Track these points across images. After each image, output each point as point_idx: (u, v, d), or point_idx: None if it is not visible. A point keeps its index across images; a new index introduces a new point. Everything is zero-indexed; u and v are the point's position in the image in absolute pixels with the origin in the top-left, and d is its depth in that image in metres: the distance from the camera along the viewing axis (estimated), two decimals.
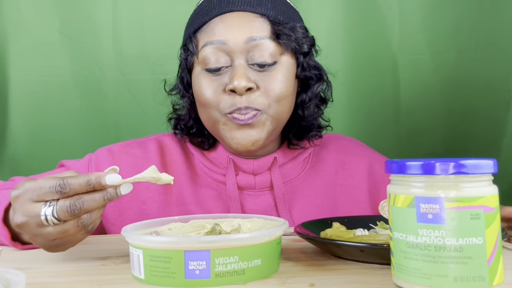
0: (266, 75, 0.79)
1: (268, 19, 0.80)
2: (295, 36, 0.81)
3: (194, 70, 0.83)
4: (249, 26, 0.79)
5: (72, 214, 0.53)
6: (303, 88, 0.87)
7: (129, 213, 0.86)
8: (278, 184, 0.86)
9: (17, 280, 0.40)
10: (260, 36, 0.78)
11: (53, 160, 0.94)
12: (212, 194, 0.87)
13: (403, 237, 0.43)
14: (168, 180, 0.57)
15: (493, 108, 1.20)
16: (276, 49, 0.79)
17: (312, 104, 0.87)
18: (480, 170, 0.41)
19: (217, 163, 0.88)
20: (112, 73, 1.28)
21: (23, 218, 0.55)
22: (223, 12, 0.80)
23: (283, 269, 0.55)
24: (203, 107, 0.82)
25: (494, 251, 0.40)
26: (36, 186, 0.54)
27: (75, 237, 0.57)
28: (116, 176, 0.54)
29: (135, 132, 1.20)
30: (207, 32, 0.81)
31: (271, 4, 0.82)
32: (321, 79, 0.88)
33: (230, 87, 0.77)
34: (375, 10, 1.30)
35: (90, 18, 1.27)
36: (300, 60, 0.84)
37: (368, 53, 1.30)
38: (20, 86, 1.26)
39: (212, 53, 0.79)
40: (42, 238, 0.56)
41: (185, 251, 0.47)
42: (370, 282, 0.49)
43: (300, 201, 0.88)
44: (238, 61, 0.78)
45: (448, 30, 1.26)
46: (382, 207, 0.62)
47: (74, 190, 0.53)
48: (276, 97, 0.79)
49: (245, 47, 0.78)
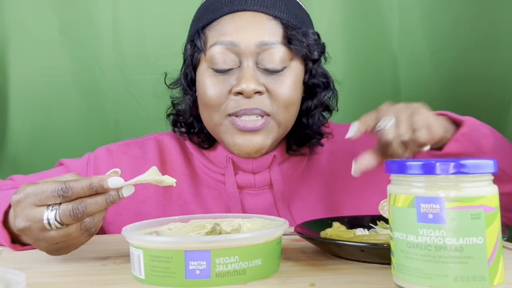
0: (275, 79, 0.78)
1: (281, 22, 0.78)
2: (307, 42, 0.79)
3: (200, 67, 0.81)
4: (262, 28, 0.77)
5: (75, 218, 0.53)
6: (308, 95, 0.86)
7: (127, 213, 0.85)
8: (277, 183, 0.85)
9: (17, 280, 0.40)
10: (272, 41, 0.77)
11: (53, 160, 0.94)
12: (212, 194, 0.86)
13: (403, 237, 0.43)
14: (170, 182, 0.57)
15: (493, 107, 1.20)
16: (287, 54, 0.78)
17: (317, 112, 0.86)
18: (480, 170, 0.41)
19: (217, 163, 0.87)
20: (112, 73, 1.28)
21: (26, 223, 0.54)
22: (235, 10, 0.78)
23: (283, 269, 0.55)
24: (206, 107, 0.80)
25: (494, 251, 0.40)
26: (37, 190, 0.54)
27: (78, 240, 0.57)
28: (118, 179, 0.54)
29: (135, 132, 1.20)
30: (217, 30, 0.78)
31: (285, 7, 0.80)
32: (328, 87, 0.86)
33: (237, 89, 0.75)
34: (375, 10, 1.30)
35: (90, 18, 1.27)
36: (309, 66, 0.82)
37: (368, 53, 1.30)
38: (20, 86, 1.26)
39: (221, 53, 0.77)
40: (45, 242, 0.56)
41: (185, 251, 0.47)
42: (370, 282, 0.49)
43: (299, 197, 0.87)
44: (247, 63, 0.77)
45: (448, 30, 1.26)
46: (382, 207, 0.62)
47: (76, 194, 0.53)
48: (284, 103, 0.78)
49: (255, 50, 0.76)
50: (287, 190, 0.87)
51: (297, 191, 0.87)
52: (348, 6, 1.30)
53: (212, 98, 0.78)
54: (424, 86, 1.28)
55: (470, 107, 1.23)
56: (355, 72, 1.30)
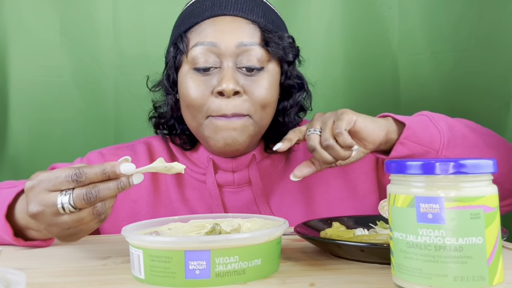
0: (253, 80, 0.81)
1: (259, 26, 0.83)
2: (283, 45, 0.84)
3: (182, 69, 0.85)
4: (240, 31, 0.81)
5: (88, 201, 0.54)
6: (284, 96, 0.90)
7: (121, 213, 0.88)
8: (255, 180, 0.88)
9: (17, 280, 0.40)
10: (250, 42, 0.81)
11: (53, 160, 0.94)
12: (195, 194, 0.89)
13: (403, 237, 0.43)
14: (179, 168, 0.58)
15: (493, 108, 1.20)
16: (264, 56, 0.82)
17: (292, 112, 0.91)
18: (480, 170, 0.41)
19: (199, 164, 0.90)
20: (112, 73, 1.28)
21: (39, 207, 0.56)
22: (215, 15, 0.82)
23: (283, 269, 0.55)
24: (188, 108, 0.83)
25: (494, 250, 0.40)
26: (51, 176, 0.55)
27: (89, 226, 0.58)
28: (130, 165, 0.55)
29: (135, 132, 1.20)
30: (199, 32, 0.82)
31: (262, 13, 0.84)
32: (302, 88, 0.91)
33: (218, 89, 0.79)
34: (375, 10, 1.30)
35: (90, 18, 1.27)
36: (284, 68, 0.87)
37: (368, 53, 1.30)
38: (20, 86, 1.26)
39: (202, 53, 0.81)
40: (57, 227, 0.57)
41: (185, 251, 0.47)
42: (370, 282, 0.49)
43: (278, 193, 0.90)
44: (227, 64, 0.80)
45: (447, 30, 1.26)
46: (382, 207, 0.62)
47: (89, 179, 0.54)
48: (261, 103, 0.82)
49: (235, 51, 0.80)
50: (266, 187, 0.90)
51: (276, 188, 0.91)
52: (348, 6, 1.30)
53: (195, 99, 0.81)
54: (424, 86, 1.28)
55: (469, 107, 1.23)
56: (355, 72, 1.30)
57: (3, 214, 0.68)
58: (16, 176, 1.14)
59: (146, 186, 0.89)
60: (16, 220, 0.68)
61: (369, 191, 0.91)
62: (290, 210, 0.89)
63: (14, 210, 0.68)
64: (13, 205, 0.69)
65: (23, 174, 0.99)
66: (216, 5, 0.83)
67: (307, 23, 1.29)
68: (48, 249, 0.71)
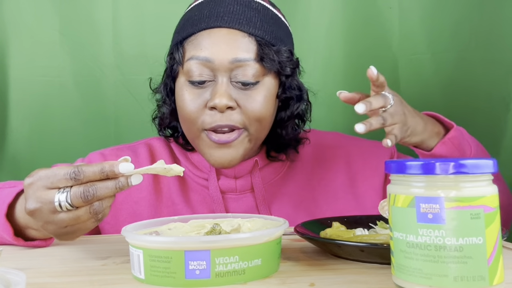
0: (247, 95, 0.81)
1: (255, 39, 0.81)
2: (279, 60, 0.82)
3: (178, 80, 0.85)
4: (236, 46, 0.80)
5: (86, 200, 0.54)
6: (283, 107, 0.89)
7: (122, 213, 0.88)
8: (258, 187, 0.89)
9: (17, 280, 0.40)
10: (245, 58, 0.80)
11: (53, 160, 0.94)
12: (197, 198, 0.90)
13: (403, 237, 0.43)
14: (178, 170, 0.57)
15: (493, 109, 1.20)
16: (260, 70, 0.81)
17: (290, 124, 0.89)
18: (480, 170, 0.41)
19: (201, 167, 0.90)
20: (112, 73, 1.28)
21: (36, 204, 0.56)
22: (211, 26, 0.81)
23: (283, 269, 0.55)
24: (184, 120, 0.84)
25: (494, 250, 0.40)
26: (50, 173, 0.55)
27: (86, 225, 0.58)
28: (129, 165, 0.55)
29: (135, 132, 1.20)
30: (194, 44, 0.82)
31: (260, 23, 0.82)
32: (301, 99, 0.90)
33: (211, 104, 0.79)
34: (375, 10, 1.30)
35: (90, 18, 1.27)
36: (282, 80, 0.85)
37: (368, 53, 1.30)
38: (20, 86, 1.25)
39: (197, 67, 0.80)
40: (54, 225, 0.57)
41: (185, 251, 0.47)
42: (370, 282, 0.49)
43: (280, 200, 0.90)
44: (221, 79, 0.80)
45: (448, 31, 1.26)
46: (382, 207, 0.62)
47: (87, 177, 0.54)
48: (255, 117, 0.81)
49: (229, 66, 0.80)
50: (268, 194, 0.90)
51: (278, 195, 0.90)
52: (348, 6, 1.30)
53: (189, 113, 0.81)
54: (424, 87, 1.28)
55: (470, 108, 1.23)
56: (355, 72, 1.30)
57: (3, 213, 0.68)
58: (16, 176, 1.14)
59: (147, 187, 0.89)
60: (16, 220, 0.68)
61: (376, 207, 0.90)
62: (292, 219, 0.87)
63: (14, 210, 0.69)
64: (13, 204, 0.69)
65: (23, 174, 0.98)
66: (213, 16, 0.82)
67: (307, 23, 1.28)
68: (48, 249, 0.71)
